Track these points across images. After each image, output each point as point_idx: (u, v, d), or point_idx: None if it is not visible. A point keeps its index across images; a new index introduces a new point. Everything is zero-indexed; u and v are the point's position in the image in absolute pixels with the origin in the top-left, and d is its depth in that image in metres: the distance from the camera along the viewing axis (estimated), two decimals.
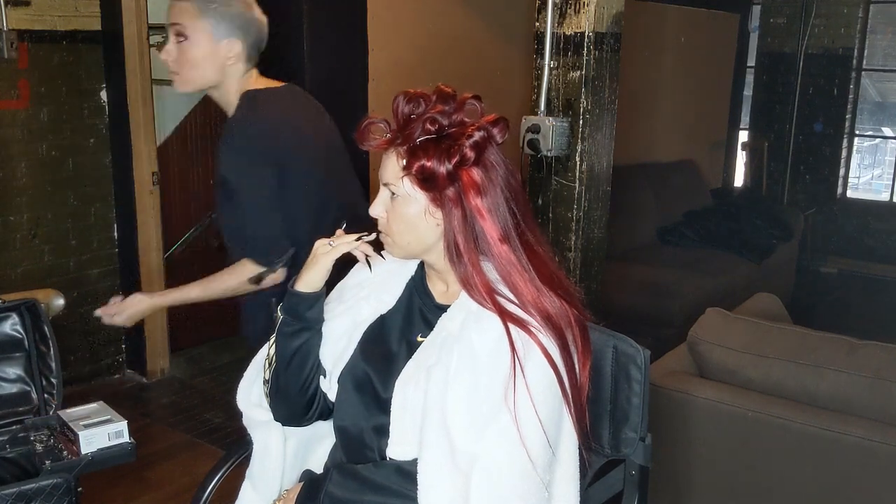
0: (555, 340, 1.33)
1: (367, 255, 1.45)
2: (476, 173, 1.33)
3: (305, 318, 1.46)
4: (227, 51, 1.93)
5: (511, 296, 1.35)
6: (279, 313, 1.48)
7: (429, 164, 1.31)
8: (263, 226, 1.90)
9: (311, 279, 1.44)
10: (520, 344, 1.31)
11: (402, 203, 1.37)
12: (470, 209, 1.33)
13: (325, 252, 1.43)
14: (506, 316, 1.33)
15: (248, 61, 1.98)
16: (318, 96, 3.48)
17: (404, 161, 1.34)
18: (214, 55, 1.92)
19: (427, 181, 1.33)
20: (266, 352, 1.53)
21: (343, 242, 1.43)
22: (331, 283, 1.50)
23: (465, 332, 1.35)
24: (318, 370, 1.50)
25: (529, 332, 1.32)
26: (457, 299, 1.40)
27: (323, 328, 1.50)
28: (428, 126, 1.33)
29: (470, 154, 1.32)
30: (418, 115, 1.34)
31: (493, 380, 1.30)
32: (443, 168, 1.31)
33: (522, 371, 1.30)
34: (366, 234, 1.44)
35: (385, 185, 1.38)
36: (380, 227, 1.42)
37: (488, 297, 1.34)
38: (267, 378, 1.52)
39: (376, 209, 1.41)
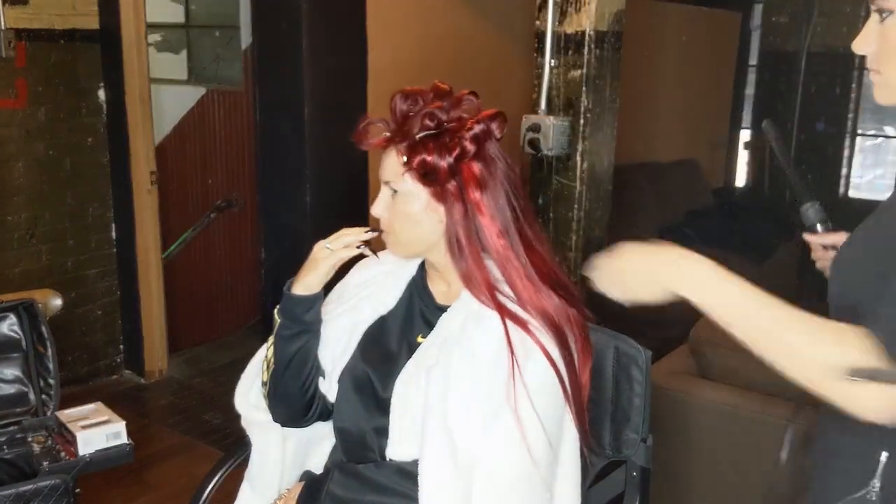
0: (554, 339, 1.32)
1: (371, 250, 1.42)
2: (476, 167, 1.33)
3: (303, 320, 1.44)
4: None
5: (511, 294, 1.35)
6: (276, 316, 1.46)
7: (429, 158, 1.31)
8: None
9: (308, 282, 1.42)
10: (519, 343, 1.30)
11: (404, 200, 1.36)
12: (470, 203, 1.33)
13: (325, 256, 1.41)
14: (504, 313, 1.32)
15: None
16: (318, 96, 3.49)
17: (404, 157, 1.34)
18: None
19: (428, 176, 1.33)
20: (264, 353, 1.52)
21: (341, 246, 1.40)
22: (330, 283, 1.49)
23: (465, 332, 1.34)
24: (318, 371, 1.49)
25: (529, 332, 1.31)
26: (457, 299, 1.39)
27: (322, 329, 1.49)
28: (427, 122, 1.33)
29: (470, 147, 1.32)
30: (416, 111, 1.34)
31: (494, 380, 1.29)
32: (443, 162, 1.31)
33: (521, 371, 1.29)
34: (368, 230, 1.41)
35: (386, 183, 1.38)
36: (382, 227, 1.41)
37: (489, 293, 1.34)
38: (265, 380, 1.51)
39: (378, 209, 1.40)
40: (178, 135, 4.82)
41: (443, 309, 1.42)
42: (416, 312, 1.46)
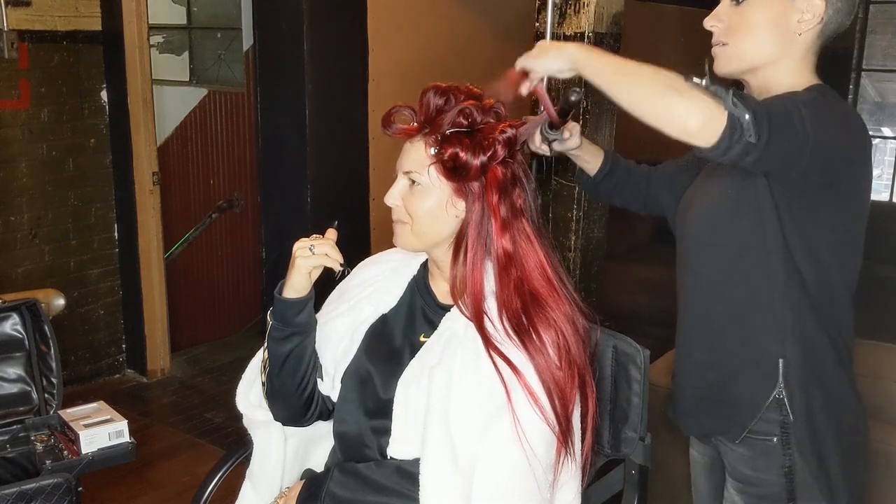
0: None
1: (341, 265, 1.40)
2: (500, 171, 1.34)
3: (295, 322, 1.44)
4: (802, 13, 1.43)
5: (494, 310, 1.35)
6: (269, 318, 1.47)
7: (463, 154, 1.32)
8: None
9: (295, 284, 1.41)
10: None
11: (422, 193, 1.37)
12: (487, 206, 1.34)
13: (304, 256, 1.38)
14: (488, 345, 1.32)
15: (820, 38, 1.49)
16: (319, 98, 3.50)
17: (433, 150, 1.34)
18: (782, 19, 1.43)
19: (456, 171, 1.33)
20: (261, 355, 1.52)
21: (323, 252, 1.38)
22: (329, 282, 1.50)
23: (468, 333, 1.35)
24: (315, 371, 1.50)
25: (515, 370, 1.30)
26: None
27: (323, 328, 1.50)
28: (461, 119, 1.34)
29: (501, 151, 1.33)
30: (450, 107, 1.35)
31: (496, 381, 1.30)
32: (477, 161, 1.32)
33: (521, 373, 1.30)
34: (343, 264, 1.40)
35: (406, 173, 1.38)
36: (393, 217, 1.41)
37: (474, 307, 1.34)
38: (263, 381, 1.52)
39: (391, 198, 1.40)
40: (180, 136, 4.84)
41: (445, 308, 1.42)
42: (419, 312, 1.47)
